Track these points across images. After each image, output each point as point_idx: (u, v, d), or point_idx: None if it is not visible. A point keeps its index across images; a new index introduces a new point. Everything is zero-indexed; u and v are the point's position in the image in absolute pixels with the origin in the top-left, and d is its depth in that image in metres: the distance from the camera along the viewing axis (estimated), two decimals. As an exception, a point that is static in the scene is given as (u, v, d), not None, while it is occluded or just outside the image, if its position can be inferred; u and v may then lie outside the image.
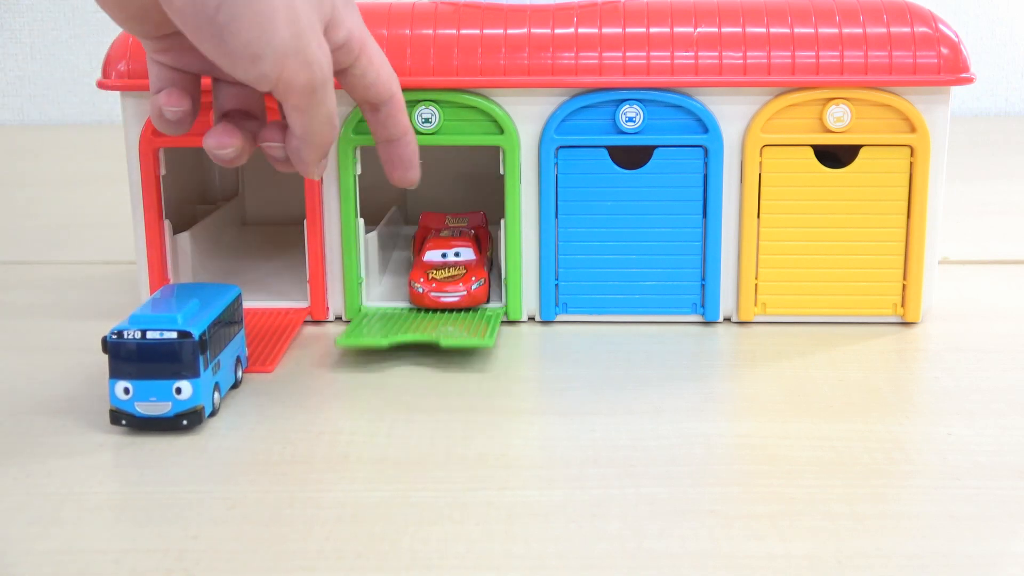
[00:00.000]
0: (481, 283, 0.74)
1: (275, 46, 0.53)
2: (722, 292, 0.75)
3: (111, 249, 0.96)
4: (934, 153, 0.72)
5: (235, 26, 0.52)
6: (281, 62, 0.54)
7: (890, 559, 0.48)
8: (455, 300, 0.74)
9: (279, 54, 0.54)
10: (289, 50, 0.54)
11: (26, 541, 0.50)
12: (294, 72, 0.55)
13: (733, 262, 0.75)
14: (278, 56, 0.54)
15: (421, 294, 0.74)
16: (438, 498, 0.53)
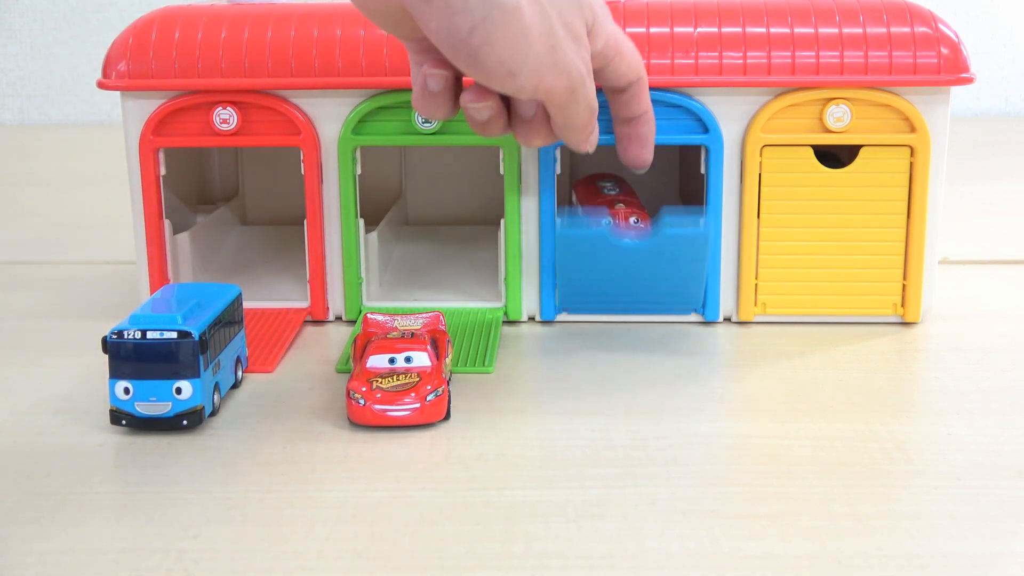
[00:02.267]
0: (439, 393, 0.60)
1: (530, 63, 0.55)
2: (722, 292, 0.75)
3: (111, 249, 0.96)
4: (934, 153, 0.72)
5: (489, 48, 0.54)
6: (539, 75, 0.56)
7: (890, 559, 0.48)
8: (406, 415, 0.60)
9: (535, 70, 0.56)
10: (545, 64, 0.56)
11: (26, 541, 0.50)
12: (552, 82, 0.57)
13: (733, 262, 0.75)
14: (534, 71, 0.56)
15: (362, 407, 0.60)
16: (438, 498, 0.53)
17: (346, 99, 0.73)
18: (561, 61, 0.57)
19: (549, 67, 0.57)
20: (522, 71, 0.56)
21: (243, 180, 0.95)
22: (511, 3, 0.54)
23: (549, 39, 0.56)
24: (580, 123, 0.62)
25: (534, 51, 0.55)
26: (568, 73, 0.58)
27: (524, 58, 0.55)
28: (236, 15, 0.74)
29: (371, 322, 0.68)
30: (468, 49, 0.54)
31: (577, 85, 0.59)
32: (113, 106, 1.67)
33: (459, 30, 0.54)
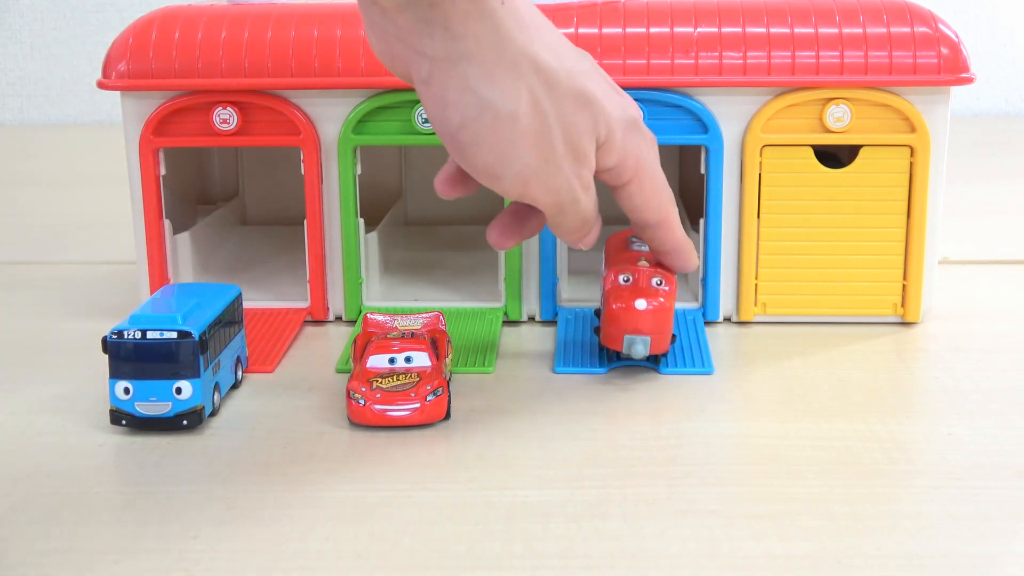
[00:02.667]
0: (439, 393, 0.60)
1: (516, 170, 0.53)
2: (722, 292, 0.75)
3: (111, 249, 0.96)
4: (934, 153, 0.72)
5: (475, 148, 0.53)
6: (524, 184, 0.54)
7: (890, 559, 0.48)
8: (406, 415, 0.60)
9: (520, 177, 0.54)
10: (532, 175, 0.54)
11: (26, 541, 0.50)
12: (538, 194, 0.55)
13: (733, 262, 0.75)
14: (520, 179, 0.54)
15: (362, 407, 0.60)
16: (438, 498, 0.53)
17: (346, 99, 0.73)
18: (552, 177, 0.55)
19: (538, 180, 0.54)
20: (506, 177, 0.54)
21: (243, 180, 0.95)
22: (507, 108, 0.52)
23: (545, 151, 0.54)
24: (572, 234, 0.59)
25: (523, 160, 0.53)
26: (557, 191, 0.55)
27: (510, 164, 0.53)
28: (236, 15, 0.74)
29: (371, 322, 0.68)
30: (455, 144, 0.53)
31: (565, 203, 0.56)
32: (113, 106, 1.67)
33: (449, 123, 0.52)
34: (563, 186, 0.55)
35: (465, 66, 0.51)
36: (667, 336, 0.64)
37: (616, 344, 0.64)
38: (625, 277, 0.64)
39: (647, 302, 0.63)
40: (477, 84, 0.52)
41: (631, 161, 0.58)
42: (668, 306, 0.63)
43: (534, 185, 0.54)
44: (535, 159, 0.53)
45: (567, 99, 0.54)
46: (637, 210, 0.61)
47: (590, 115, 0.55)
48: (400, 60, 0.54)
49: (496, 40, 0.52)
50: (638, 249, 0.67)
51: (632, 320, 0.63)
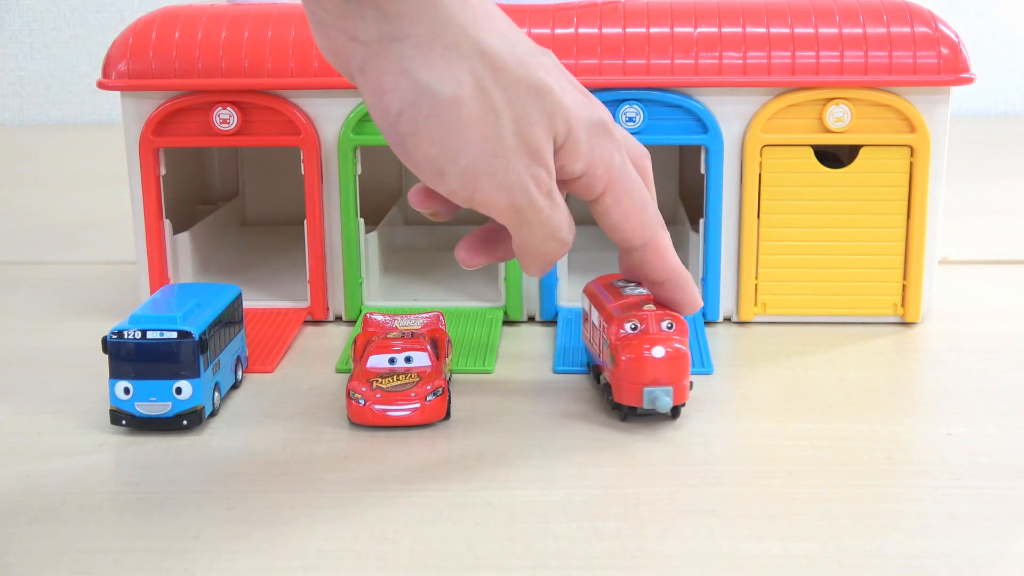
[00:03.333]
0: (439, 393, 0.60)
1: (462, 165, 0.49)
2: (722, 292, 0.75)
3: (111, 249, 0.96)
4: (934, 153, 0.72)
5: (416, 139, 0.48)
6: (472, 181, 0.49)
7: (890, 559, 0.48)
8: (406, 415, 0.59)
9: (466, 172, 0.49)
10: (481, 170, 0.49)
11: (26, 541, 0.50)
12: (489, 194, 0.50)
13: (733, 262, 0.75)
14: (464, 175, 0.49)
15: (362, 407, 0.60)
16: (438, 498, 0.53)
17: (346, 99, 0.73)
18: (502, 173, 0.49)
19: (487, 176, 0.49)
20: (451, 173, 0.49)
21: (243, 180, 0.95)
22: (447, 93, 0.48)
23: (491, 143, 0.49)
24: (537, 252, 0.53)
25: (469, 152, 0.48)
26: (510, 188, 0.50)
27: (454, 159, 0.48)
28: (236, 15, 0.74)
29: (371, 322, 0.68)
30: (396, 136, 0.48)
31: (522, 205, 0.50)
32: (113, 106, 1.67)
33: (388, 112, 0.48)
34: (516, 184, 0.50)
35: (399, 48, 0.48)
36: (686, 384, 0.60)
37: (632, 399, 0.59)
38: (632, 325, 0.60)
39: (664, 349, 0.59)
40: (413, 66, 0.47)
41: (601, 169, 0.53)
42: (684, 351, 0.59)
43: (484, 182, 0.49)
44: (482, 152, 0.49)
45: (518, 87, 0.49)
46: (617, 229, 0.56)
47: (544, 107, 0.50)
48: (342, 53, 0.49)
49: (433, 18, 0.48)
50: (633, 293, 0.63)
51: (651, 371, 0.59)
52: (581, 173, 0.53)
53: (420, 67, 0.48)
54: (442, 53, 0.48)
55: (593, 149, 0.53)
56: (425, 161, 0.49)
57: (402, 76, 0.48)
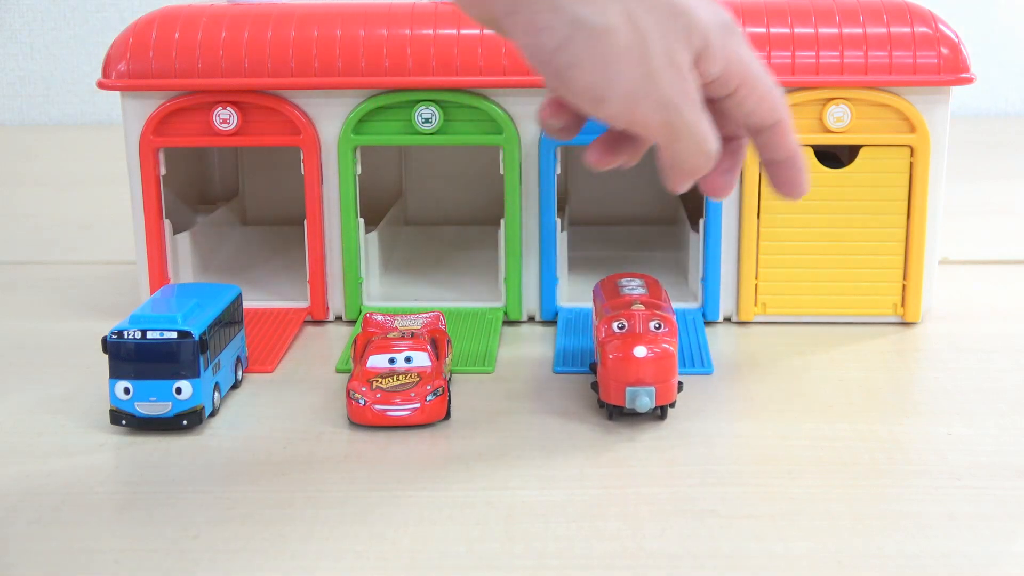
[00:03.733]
0: (439, 393, 0.60)
1: (620, 90, 0.51)
2: (722, 292, 0.75)
3: (111, 249, 0.96)
4: (934, 153, 0.72)
5: (575, 71, 0.50)
6: (631, 104, 0.51)
7: (890, 559, 0.48)
8: (406, 415, 0.60)
9: (626, 97, 0.51)
10: (638, 93, 0.51)
11: (26, 541, 0.50)
12: (646, 113, 0.52)
13: (733, 262, 0.75)
14: (625, 99, 0.51)
15: (362, 407, 0.60)
16: (438, 498, 0.53)
17: (346, 99, 0.73)
18: (656, 91, 0.52)
19: (644, 97, 0.51)
20: (611, 98, 0.51)
21: (243, 180, 0.95)
22: (600, 24, 0.50)
23: (644, 65, 0.51)
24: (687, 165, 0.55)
25: (625, 77, 0.51)
26: (664, 106, 0.52)
27: (613, 84, 0.51)
28: (236, 15, 0.74)
29: (371, 322, 0.68)
30: (553, 69, 0.51)
31: (674, 119, 0.52)
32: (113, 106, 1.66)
33: (543, 48, 0.50)
34: (669, 102, 0.52)
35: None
36: (673, 384, 0.60)
37: (617, 399, 0.59)
38: (620, 324, 0.60)
39: (647, 349, 0.59)
40: (565, 2, 0.50)
41: (735, 66, 0.55)
42: (671, 352, 0.59)
43: (641, 104, 0.52)
44: (638, 75, 0.51)
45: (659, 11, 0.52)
46: (752, 114, 0.57)
47: (684, 26, 0.53)
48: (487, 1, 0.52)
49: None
50: (630, 293, 0.63)
51: (633, 370, 0.58)
52: (718, 75, 0.55)
53: (572, 2, 0.50)
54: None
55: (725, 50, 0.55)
56: (585, 90, 0.51)
57: (556, 13, 0.50)
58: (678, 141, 0.54)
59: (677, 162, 0.55)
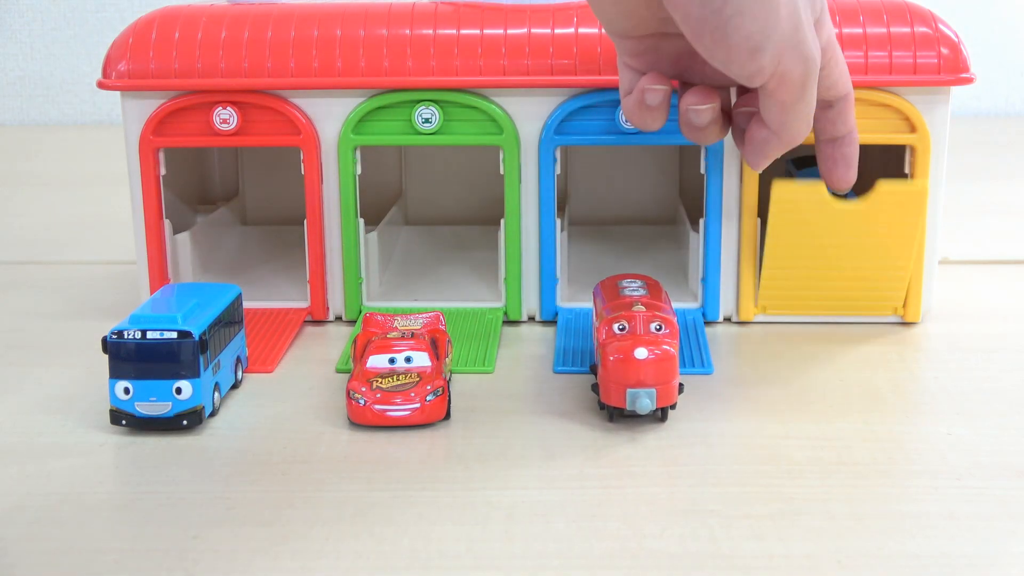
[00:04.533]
0: (439, 393, 0.60)
1: (775, 39, 0.53)
2: (722, 292, 0.75)
3: (111, 249, 0.96)
4: (934, 153, 0.72)
5: (740, 19, 0.52)
6: (780, 55, 0.54)
7: (890, 559, 0.48)
8: (406, 415, 0.60)
9: (779, 47, 0.53)
10: (788, 43, 0.54)
11: (26, 541, 0.50)
12: (790, 65, 0.54)
13: (733, 262, 0.75)
14: (778, 48, 0.53)
15: (363, 407, 0.60)
16: (438, 498, 0.53)
17: (346, 99, 0.73)
18: (802, 43, 0.55)
19: (791, 47, 0.54)
20: (767, 48, 0.53)
21: (243, 180, 0.95)
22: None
23: (795, 18, 0.54)
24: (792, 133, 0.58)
25: (781, 27, 0.53)
26: (807, 58, 0.55)
27: (771, 33, 0.53)
28: (236, 15, 0.74)
29: (371, 322, 0.68)
30: (718, 20, 0.52)
31: (811, 72, 0.55)
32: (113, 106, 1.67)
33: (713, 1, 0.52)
34: (811, 56, 0.55)
35: None
36: (673, 386, 0.59)
37: (618, 400, 0.59)
38: (620, 325, 0.60)
39: (648, 351, 0.58)
40: None
41: (829, 41, 0.59)
42: (672, 353, 0.59)
43: (788, 54, 0.54)
44: (789, 26, 0.54)
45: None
46: (834, 86, 0.61)
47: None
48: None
49: None
50: (631, 294, 0.63)
51: (633, 372, 0.58)
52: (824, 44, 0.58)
53: None
54: None
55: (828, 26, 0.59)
56: (744, 39, 0.53)
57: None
58: (802, 100, 0.57)
59: (786, 127, 0.58)
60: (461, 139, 0.73)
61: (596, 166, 0.93)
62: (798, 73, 0.55)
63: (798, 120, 0.58)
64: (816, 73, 0.56)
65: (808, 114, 0.58)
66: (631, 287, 0.64)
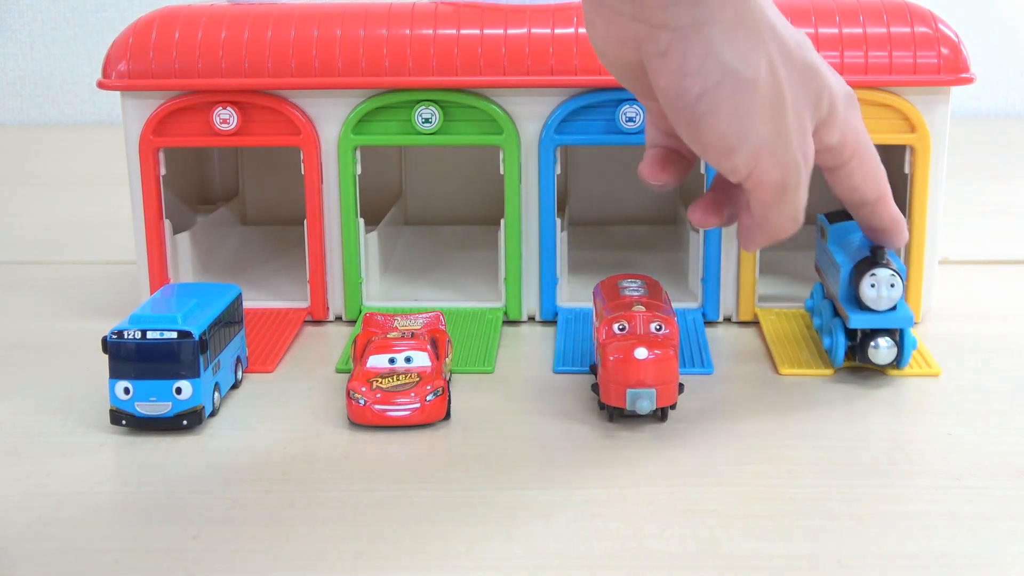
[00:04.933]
0: (438, 393, 0.60)
1: (752, 142, 0.51)
2: (722, 292, 0.75)
3: (111, 249, 0.96)
4: (934, 153, 0.72)
5: (714, 119, 0.50)
6: (755, 159, 0.51)
7: (890, 559, 0.48)
8: (406, 414, 0.60)
9: (754, 150, 0.51)
10: (765, 148, 0.51)
11: (26, 541, 0.50)
12: (766, 171, 0.52)
13: (733, 262, 0.75)
14: (752, 152, 0.51)
15: (363, 407, 0.60)
16: (438, 498, 0.53)
17: (346, 99, 0.73)
18: (783, 152, 0.52)
19: (770, 153, 0.52)
20: (741, 150, 0.51)
21: (243, 180, 0.95)
22: (749, 74, 0.50)
23: (778, 124, 0.51)
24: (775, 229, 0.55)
25: (759, 132, 0.51)
26: (786, 166, 0.52)
27: (747, 137, 0.51)
28: (236, 15, 0.74)
29: (371, 322, 0.68)
30: (692, 115, 0.51)
31: (791, 184, 0.53)
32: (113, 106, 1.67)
33: (688, 93, 0.50)
34: (792, 163, 0.53)
35: (708, 31, 0.50)
36: (673, 386, 0.60)
37: (618, 401, 0.59)
38: (620, 326, 0.60)
39: (648, 351, 0.58)
40: (720, 49, 0.50)
41: (851, 136, 0.56)
42: (672, 354, 0.59)
43: (765, 159, 0.52)
44: (769, 131, 0.51)
45: (797, 70, 0.52)
46: (857, 189, 0.59)
47: (815, 89, 0.53)
48: (628, 41, 0.51)
49: (739, 5, 0.50)
50: (631, 294, 0.63)
51: (633, 372, 0.58)
52: (836, 144, 0.56)
53: (727, 50, 0.50)
54: (746, 36, 0.50)
55: (847, 120, 0.56)
56: (718, 139, 0.51)
57: (708, 58, 0.50)
58: (782, 203, 0.54)
59: (768, 222, 0.55)
60: (461, 139, 0.73)
61: (596, 166, 0.93)
62: (775, 178, 0.52)
63: (781, 219, 0.55)
64: (800, 179, 0.53)
65: (793, 215, 0.55)
66: (631, 287, 0.64)
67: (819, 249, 0.70)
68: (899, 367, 0.65)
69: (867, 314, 0.63)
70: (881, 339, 0.64)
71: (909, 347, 0.64)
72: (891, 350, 0.64)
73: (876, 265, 0.63)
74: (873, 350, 0.64)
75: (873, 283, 0.63)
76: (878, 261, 0.63)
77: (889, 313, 0.63)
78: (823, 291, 0.69)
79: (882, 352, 0.64)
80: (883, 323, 0.63)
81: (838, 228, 0.67)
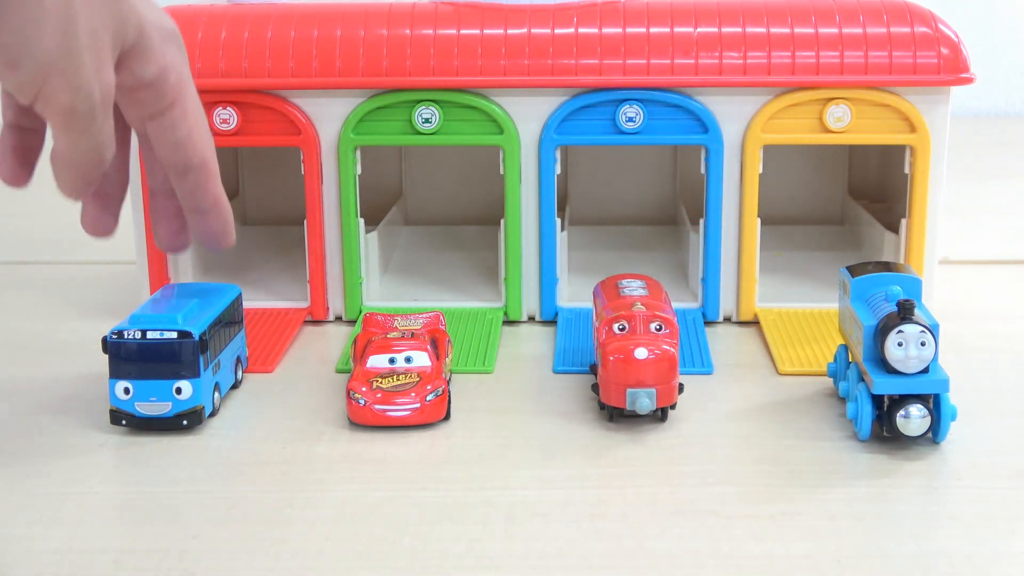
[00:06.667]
0: (439, 393, 0.60)
1: (35, 56, 0.46)
2: (722, 292, 0.75)
3: (111, 249, 0.96)
4: (934, 153, 0.72)
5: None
6: (42, 76, 0.47)
7: (890, 559, 0.48)
8: (406, 415, 0.59)
9: (40, 65, 0.47)
10: (53, 65, 0.47)
11: (26, 541, 0.50)
12: (55, 91, 0.47)
13: (733, 262, 0.75)
14: (38, 68, 0.47)
15: (363, 407, 0.60)
16: (438, 498, 0.53)
17: (346, 99, 0.73)
18: (75, 70, 0.47)
19: (58, 73, 0.47)
20: (24, 64, 0.46)
21: (243, 180, 0.95)
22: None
23: (68, 41, 0.47)
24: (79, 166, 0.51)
25: (45, 45, 0.46)
26: (77, 90, 0.48)
27: (31, 48, 0.46)
28: (236, 15, 0.74)
29: (371, 322, 0.68)
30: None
31: (83, 110, 0.48)
32: (113, 106, 1.66)
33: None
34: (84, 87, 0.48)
35: None
36: (673, 386, 0.59)
37: (618, 400, 0.58)
38: (620, 325, 0.60)
39: (648, 351, 0.58)
40: None
41: (173, 77, 0.52)
42: (672, 353, 0.59)
43: (54, 79, 0.47)
44: (58, 48, 0.47)
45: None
46: (180, 146, 0.55)
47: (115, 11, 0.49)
48: None
49: None
50: (630, 294, 0.63)
51: (633, 372, 0.58)
52: (153, 78, 0.52)
53: None
54: None
55: (166, 55, 0.52)
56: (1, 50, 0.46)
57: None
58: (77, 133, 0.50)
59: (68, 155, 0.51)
60: (461, 139, 0.73)
61: (596, 166, 0.93)
62: (64, 102, 0.48)
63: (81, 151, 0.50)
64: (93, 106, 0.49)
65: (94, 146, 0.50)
66: (631, 287, 0.64)
67: (841, 307, 0.64)
68: (935, 441, 0.57)
69: (895, 378, 0.55)
70: (912, 407, 0.55)
71: (947, 417, 0.56)
72: (924, 420, 0.55)
73: (904, 321, 0.55)
74: (903, 420, 0.55)
75: (900, 341, 0.55)
76: (906, 316, 0.55)
77: (920, 377, 0.56)
78: (847, 354, 0.62)
79: (914, 422, 0.55)
80: (913, 388, 0.56)
81: (861, 282, 0.60)
